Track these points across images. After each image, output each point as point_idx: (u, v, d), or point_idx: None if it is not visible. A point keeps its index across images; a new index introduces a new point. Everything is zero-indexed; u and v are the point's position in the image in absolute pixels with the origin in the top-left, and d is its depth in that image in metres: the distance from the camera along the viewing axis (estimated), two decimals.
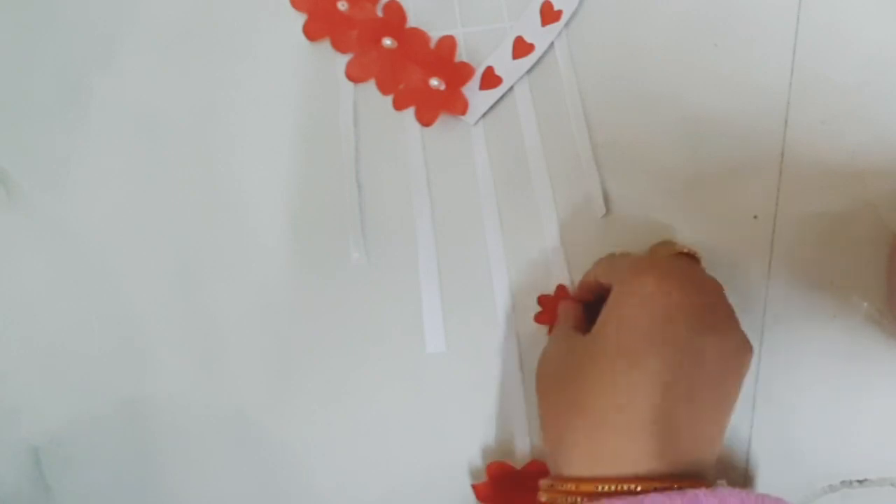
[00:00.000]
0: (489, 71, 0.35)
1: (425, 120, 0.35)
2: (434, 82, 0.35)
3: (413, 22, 0.35)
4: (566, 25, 0.35)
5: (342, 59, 0.35)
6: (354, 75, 0.35)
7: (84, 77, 0.36)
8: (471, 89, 0.35)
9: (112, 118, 0.36)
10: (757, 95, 0.34)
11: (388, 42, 0.35)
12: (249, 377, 0.37)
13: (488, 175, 0.36)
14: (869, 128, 0.34)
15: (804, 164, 0.34)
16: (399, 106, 0.35)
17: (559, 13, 0.34)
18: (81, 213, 0.37)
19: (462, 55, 0.35)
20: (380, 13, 0.35)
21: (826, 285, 0.35)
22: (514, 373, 0.36)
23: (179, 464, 0.38)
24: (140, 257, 0.37)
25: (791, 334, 0.35)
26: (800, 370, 0.35)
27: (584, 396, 0.28)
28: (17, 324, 0.38)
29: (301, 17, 0.35)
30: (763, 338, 0.35)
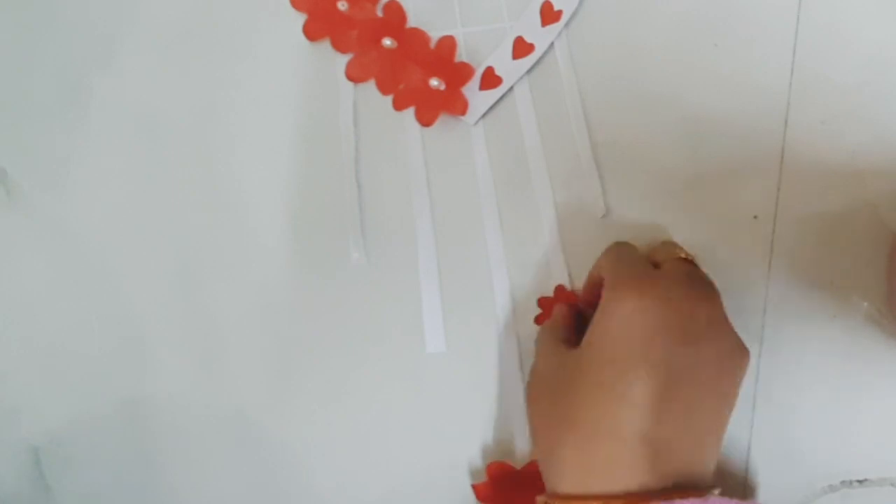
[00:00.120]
0: (489, 71, 0.35)
1: (425, 120, 0.35)
2: (434, 82, 0.35)
3: (413, 22, 0.35)
4: (566, 25, 0.35)
5: (342, 59, 0.35)
6: (354, 75, 0.35)
7: (84, 77, 0.36)
8: (471, 89, 0.35)
9: (112, 118, 0.36)
10: (757, 95, 0.34)
11: (388, 42, 0.35)
12: (249, 377, 0.37)
13: (488, 175, 0.36)
14: (869, 128, 0.34)
15: (804, 164, 0.34)
16: (399, 106, 0.35)
17: (559, 13, 0.34)
18: (81, 213, 0.37)
19: (462, 55, 0.35)
20: (380, 13, 0.35)
21: (826, 285, 0.35)
22: (514, 373, 0.36)
23: (179, 464, 0.38)
24: (140, 257, 0.37)
25: (791, 334, 0.35)
26: (800, 370, 0.35)
27: (575, 411, 0.28)
28: (17, 324, 0.38)
29: (301, 17, 0.35)
30: (763, 338, 0.35)
